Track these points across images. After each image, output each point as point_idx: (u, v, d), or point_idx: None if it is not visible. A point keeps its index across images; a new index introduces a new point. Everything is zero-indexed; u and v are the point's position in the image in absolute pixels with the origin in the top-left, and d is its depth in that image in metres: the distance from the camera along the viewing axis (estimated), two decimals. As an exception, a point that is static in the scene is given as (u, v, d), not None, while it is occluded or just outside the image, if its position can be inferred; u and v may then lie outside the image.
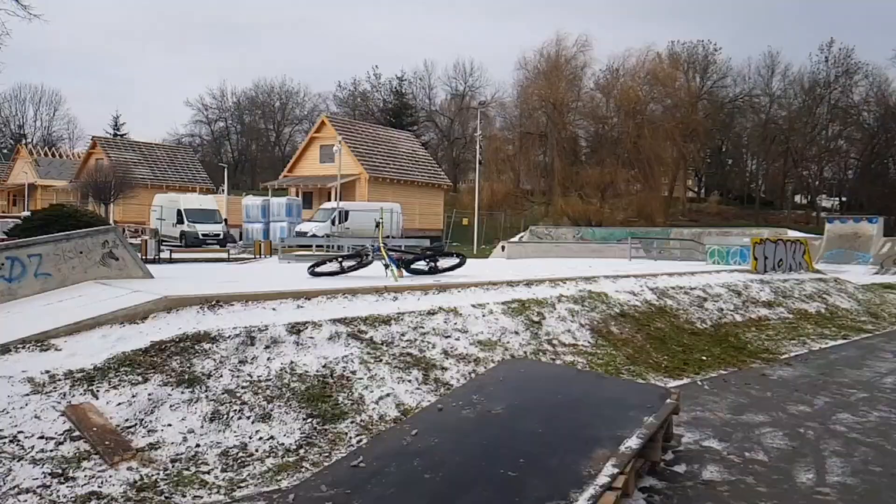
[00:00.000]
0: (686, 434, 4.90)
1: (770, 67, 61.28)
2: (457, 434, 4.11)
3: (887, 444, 4.82)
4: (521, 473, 3.53)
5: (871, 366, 7.74)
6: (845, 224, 29.57)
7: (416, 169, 39.62)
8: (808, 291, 12.40)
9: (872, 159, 56.13)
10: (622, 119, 44.42)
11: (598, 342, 7.24)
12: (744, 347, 8.37)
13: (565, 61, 44.59)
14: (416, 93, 64.62)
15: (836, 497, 3.84)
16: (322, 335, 5.62)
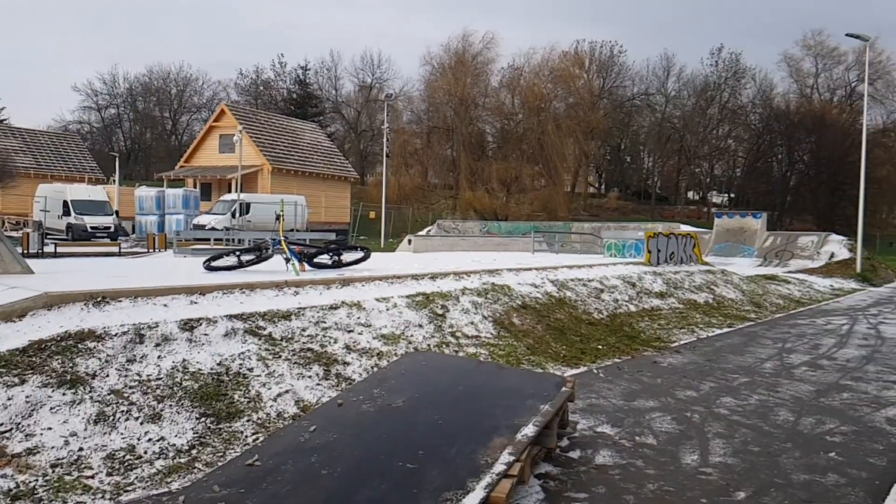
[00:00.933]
0: (581, 421, 5.06)
1: (666, 69, 64.56)
2: (356, 429, 4.06)
3: (765, 425, 5.16)
4: (420, 465, 3.53)
5: (752, 352, 8.26)
6: (732, 219, 31.45)
7: (321, 161, 38.89)
8: (698, 283, 13.13)
9: (758, 158, 60.13)
10: (527, 116, 45.41)
11: (500, 333, 7.36)
12: (637, 336, 8.75)
13: (471, 57, 45.05)
14: (322, 83, 63.50)
15: (718, 476, 4.06)
16: (217, 332, 5.41)
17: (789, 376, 6.89)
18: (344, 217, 38.33)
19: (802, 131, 56.41)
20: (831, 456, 4.47)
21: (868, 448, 4.67)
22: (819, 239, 27.41)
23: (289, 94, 60.18)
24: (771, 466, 4.24)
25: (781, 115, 58.90)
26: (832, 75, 64.71)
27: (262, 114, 41.06)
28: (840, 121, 57.38)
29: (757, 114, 62.99)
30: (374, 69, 62.86)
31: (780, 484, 3.96)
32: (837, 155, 51.82)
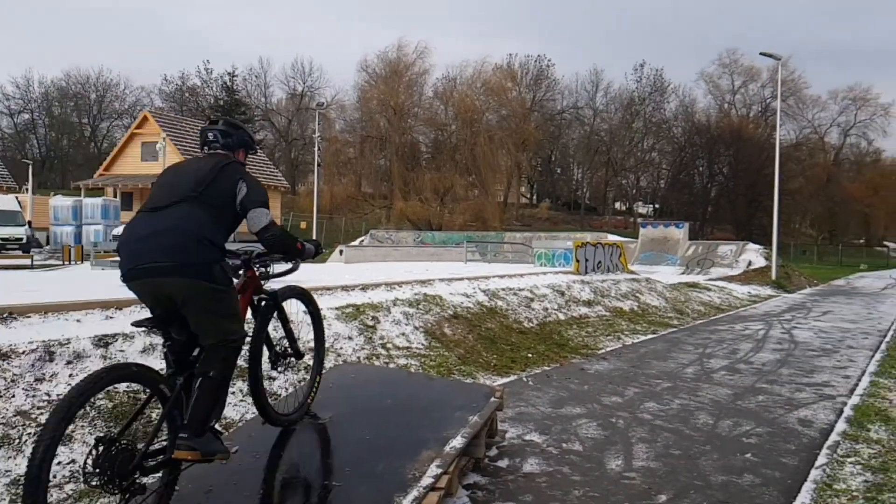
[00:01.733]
0: (510, 429, 5.09)
1: (595, 84, 66.58)
2: (280, 447, 3.95)
3: (686, 428, 5.32)
4: (347, 482, 3.46)
5: (675, 358, 8.52)
6: (656, 229, 32.58)
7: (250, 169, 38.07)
8: (624, 291, 13.49)
9: (681, 170, 62.59)
10: (460, 127, 45.84)
11: (431, 344, 7.34)
12: (566, 344, 8.90)
13: (405, 67, 45.19)
14: (250, 90, 62.32)
15: (641, 480, 4.15)
16: (134, 348, 5.17)
17: (709, 380, 7.15)
18: (274, 227, 37.64)
19: (722, 145, 59.16)
20: (747, 457, 4.65)
21: (781, 448, 4.88)
22: (737, 248, 28.71)
23: (216, 102, 58.71)
24: (691, 469, 4.37)
25: (702, 129, 61.63)
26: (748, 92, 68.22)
27: (188, 121, 39.90)
28: (756, 135, 60.46)
29: (679, 128, 65.75)
30: (306, 77, 62.23)
31: (700, 486, 4.08)
32: (754, 167, 54.56)
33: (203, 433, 3.12)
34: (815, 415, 5.86)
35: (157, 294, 3.19)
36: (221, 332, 3.22)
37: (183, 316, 3.18)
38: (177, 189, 3.23)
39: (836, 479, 4.25)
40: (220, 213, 3.24)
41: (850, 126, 69.81)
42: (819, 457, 4.67)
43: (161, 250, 3.03)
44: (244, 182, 3.34)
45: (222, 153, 3.53)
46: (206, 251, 3.11)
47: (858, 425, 5.46)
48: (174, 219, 3.10)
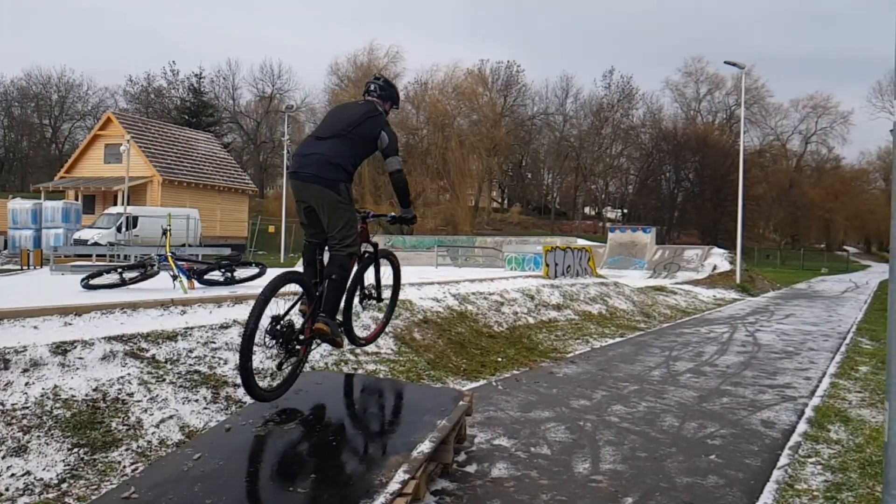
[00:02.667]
0: (479, 434, 5.08)
1: (565, 90, 67.24)
2: (244, 454, 3.88)
3: (652, 431, 5.36)
4: (312, 489, 3.41)
5: (642, 361, 8.61)
6: (624, 233, 32.93)
7: (217, 172, 37.42)
8: (592, 294, 13.60)
9: (648, 176, 63.51)
10: (432, 131, 45.92)
11: (400, 349, 7.30)
12: (535, 348, 8.93)
13: (377, 71, 45.07)
14: (218, 92, 61.43)
15: (608, 483, 4.17)
16: (94, 355, 5.04)
17: (675, 383, 7.23)
18: (241, 231, 37.08)
19: (688, 151, 60.15)
20: (712, 458, 4.70)
21: (745, 449, 4.95)
22: (703, 252, 29.17)
23: (182, 103, 57.72)
24: (657, 471, 4.41)
25: (669, 135, 62.64)
26: (714, 99, 69.65)
27: (153, 122, 39.16)
28: (721, 142, 61.65)
29: (647, 134, 66.74)
30: (275, 79, 61.60)
31: (665, 488, 4.12)
32: (719, 173, 55.57)
33: (333, 318, 4.44)
34: (777, 416, 5.96)
35: (303, 194, 4.43)
36: (340, 235, 4.40)
37: (318, 220, 4.45)
38: (334, 127, 4.49)
39: (797, 479, 4.33)
40: (357, 148, 4.45)
41: (811, 133, 71.73)
42: (781, 457, 4.75)
43: (311, 166, 4.32)
44: (385, 132, 4.53)
45: (376, 100, 4.70)
46: (337, 173, 4.33)
47: (819, 426, 5.57)
48: (325, 147, 4.38)
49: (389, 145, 4.53)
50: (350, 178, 4.47)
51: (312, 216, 4.50)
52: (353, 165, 4.45)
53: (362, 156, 4.56)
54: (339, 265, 4.43)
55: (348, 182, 4.44)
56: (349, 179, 4.45)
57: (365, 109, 4.58)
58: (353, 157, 4.44)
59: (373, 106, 4.63)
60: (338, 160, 4.34)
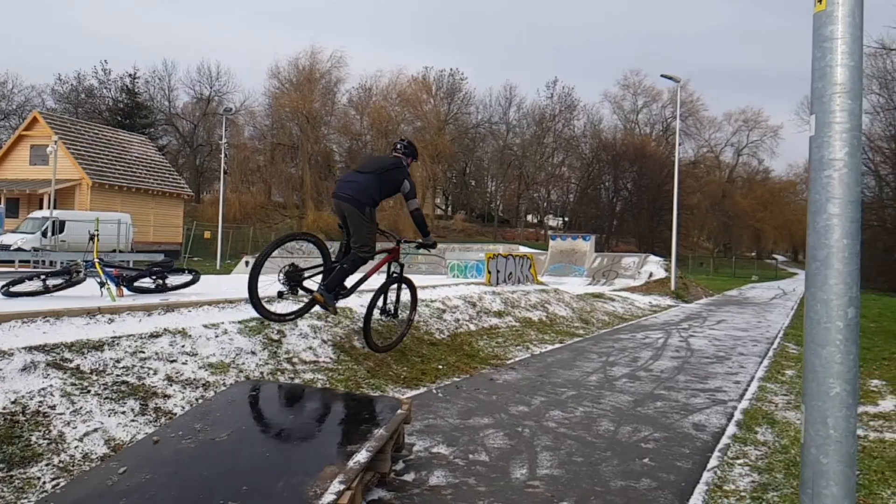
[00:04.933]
0: (418, 442, 5.04)
1: (508, 99, 68.10)
2: (173, 467, 3.73)
3: (588, 435, 5.44)
4: (244, 501, 3.30)
5: (580, 366, 8.73)
6: (565, 241, 33.52)
7: (150, 176, 36.20)
8: (533, 301, 13.76)
9: (589, 185, 64.83)
10: (375, 137, 45.78)
11: (340, 357, 7.19)
12: (476, 355, 8.96)
13: (320, 75, 44.70)
14: (153, 93, 59.58)
15: (544, 488, 4.20)
16: (13, 366, 4.77)
17: (611, 388, 7.36)
18: (176, 237, 35.97)
19: (626, 162, 61.76)
20: (645, 462, 4.80)
21: (677, 452, 5.07)
22: (640, 260, 29.95)
23: (115, 104, 55.72)
24: (592, 475, 4.46)
25: (608, 146, 64.21)
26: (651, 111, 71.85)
27: (83, 123, 37.62)
28: (658, 153, 63.58)
29: (587, 144, 68.22)
30: (213, 81, 60.14)
31: (600, 491, 4.17)
32: (656, 183, 57.21)
33: (331, 292, 6.23)
34: (708, 419, 6.13)
35: (340, 209, 6.27)
36: (358, 242, 6.21)
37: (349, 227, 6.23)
38: (371, 166, 6.38)
39: (725, 480, 4.45)
40: (384, 186, 6.29)
41: (742, 146, 74.91)
42: (711, 459, 4.88)
43: (349, 190, 6.11)
44: (407, 181, 6.41)
45: (402, 156, 6.60)
46: (366, 198, 6.13)
47: (747, 428, 5.76)
48: (362, 179, 6.19)
49: (410, 191, 6.41)
50: (375, 205, 6.24)
51: (345, 225, 6.31)
52: (379, 196, 6.28)
53: (387, 193, 6.39)
54: (352, 260, 6.27)
55: (373, 207, 6.23)
56: (374, 206, 6.23)
57: (394, 161, 6.48)
58: (381, 191, 6.28)
59: (399, 160, 6.53)
60: (369, 190, 6.17)
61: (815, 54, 2.24)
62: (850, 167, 2.14)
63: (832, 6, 2.20)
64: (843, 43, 2.19)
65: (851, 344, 2.11)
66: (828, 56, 2.21)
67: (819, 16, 2.23)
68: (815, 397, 2.11)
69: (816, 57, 2.23)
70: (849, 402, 2.09)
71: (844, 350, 2.09)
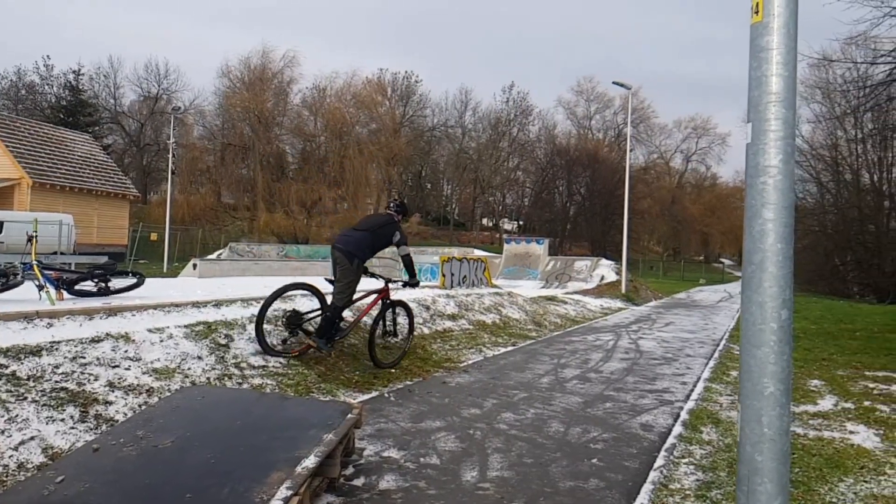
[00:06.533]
0: (368, 447, 5.01)
1: (464, 103, 68.47)
2: (113, 476, 3.62)
3: (539, 437, 5.48)
4: (186, 511, 3.22)
5: (532, 368, 8.81)
6: (519, 245, 33.83)
7: (95, 176, 35.00)
8: (487, 304, 13.82)
9: (543, 189, 65.61)
10: (329, 138, 45.33)
11: (290, 362, 7.09)
12: (429, 358, 8.95)
13: (272, 74, 44.04)
14: (98, 91, 57.79)
15: (494, 490, 4.22)
16: (-59, 373, 4.56)
17: (562, 390, 7.45)
18: (121, 239, 34.91)
19: (580, 167, 62.74)
20: (594, 462, 4.86)
21: (625, 452, 5.15)
22: (592, 263, 30.43)
23: (57, 101, 53.85)
24: (542, 476, 4.50)
25: (563, 151, 65.14)
26: (604, 117, 73.16)
27: (23, 121, 36.18)
28: (610, 158, 64.81)
29: (542, 149, 69.07)
30: (161, 79, 58.68)
31: (549, 492, 4.21)
32: (608, 188, 58.29)
33: (321, 338, 7.05)
34: (655, 419, 6.26)
35: (335, 256, 7.14)
36: (338, 290, 7.13)
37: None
38: (366, 224, 7.46)
39: (671, 479, 4.55)
40: (377, 241, 7.31)
41: (692, 153, 76.99)
42: (657, 459, 4.98)
43: (345, 244, 7.07)
44: (398, 232, 7.45)
45: (393, 213, 7.68)
46: (357, 253, 7.08)
47: (693, 428, 5.90)
48: (357, 235, 7.20)
49: (400, 240, 7.48)
50: (364, 259, 7.20)
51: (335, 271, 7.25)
52: (371, 251, 7.28)
53: (380, 246, 7.42)
54: (332, 309, 7.17)
55: (362, 261, 7.18)
56: (363, 259, 7.20)
57: (386, 219, 7.60)
58: (373, 246, 7.30)
59: (391, 217, 7.66)
60: (363, 246, 7.18)
61: (751, 64, 2.31)
62: (784, 174, 2.22)
63: (768, 18, 2.27)
64: (778, 53, 2.26)
65: (785, 345, 2.18)
66: (763, 66, 2.28)
67: (756, 27, 2.30)
68: (751, 396, 2.18)
69: (753, 67, 2.30)
70: (782, 401, 2.16)
71: (778, 351, 2.16)
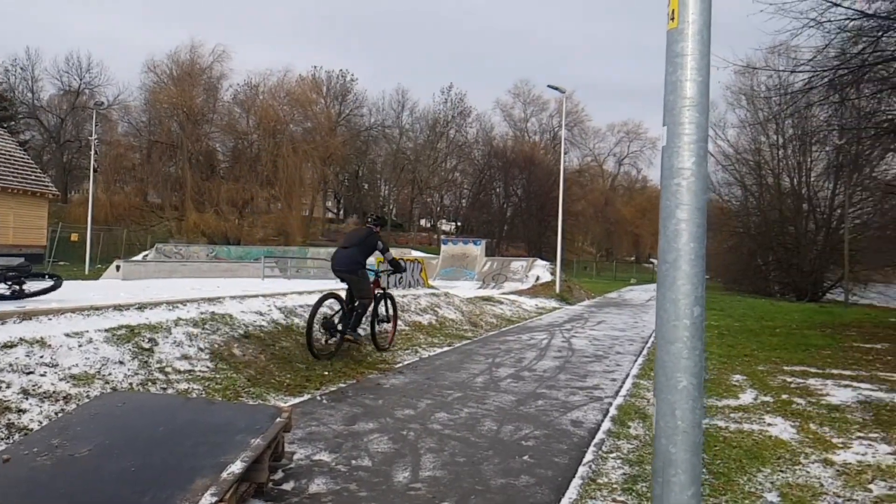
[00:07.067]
0: (299, 450, 4.93)
1: (401, 103, 68.34)
2: (26, 487, 3.45)
3: (472, 436, 5.52)
4: (105, 521, 3.10)
5: (467, 368, 8.86)
6: (457, 245, 34.03)
7: (10, 173, 33.03)
8: (423, 305, 13.84)
9: (480, 191, 66.14)
10: (263, 136, 44.38)
11: (217, 366, 6.91)
12: (364, 360, 8.88)
13: (201, 70, 42.81)
14: (14, 83, 54.86)
15: (426, 490, 4.22)
16: None
17: (496, 388, 7.53)
18: (39, 239, 33.17)
19: (516, 169, 63.58)
20: (525, 459, 4.93)
21: (555, 449, 5.25)
22: (527, 264, 30.91)
23: (-32, 94, 50.89)
24: (474, 475, 4.54)
25: (500, 153, 65.87)
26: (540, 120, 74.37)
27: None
28: (546, 161, 65.91)
29: (479, 151, 69.65)
30: (83, 73, 56.16)
31: (481, 490, 4.25)
32: (544, 190, 59.27)
33: (354, 331, 8.70)
34: (585, 416, 6.40)
35: (341, 276, 8.74)
36: (360, 295, 8.74)
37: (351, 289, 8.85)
38: (351, 240, 8.97)
39: (600, 473, 4.66)
40: (365, 251, 8.81)
41: (624, 156, 79.25)
42: (587, 454, 5.10)
43: (344, 264, 8.67)
44: (380, 241, 8.91)
45: (372, 226, 9.10)
46: (356, 265, 8.70)
47: (621, 423, 6.06)
48: (348, 252, 8.74)
49: (383, 248, 8.98)
50: (363, 266, 8.89)
51: (348, 286, 8.89)
52: (363, 259, 8.88)
53: (368, 254, 8.93)
54: (361, 306, 8.81)
55: (363, 268, 8.88)
56: (363, 267, 8.89)
57: (367, 232, 9.04)
58: (363, 255, 8.86)
59: (371, 230, 9.08)
60: (356, 258, 8.77)
61: (667, 69, 2.39)
62: (697, 176, 2.31)
63: (683, 25, 2.36)
64: (692, 59, 2.35)
65: (697, 340, 2.27)
66: (678, 71, 2.36)
67: (671, 33, 2.39)
68: (665, 391, 2.26)
69: (668, 72, 2.39)
70: (695, 394, 2.25)
71: (691, 346, 2.25)
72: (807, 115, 22.48)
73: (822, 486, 4.50)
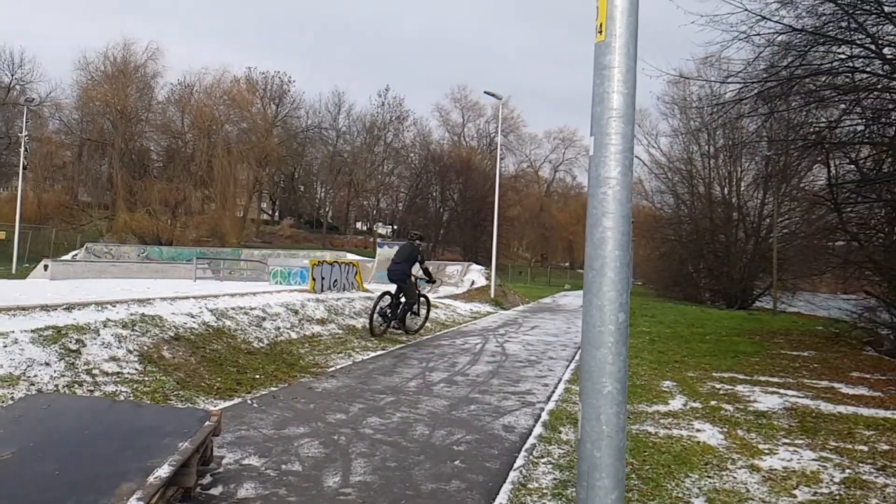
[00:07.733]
0: (228, 455, 4.85)
1: (337, 105, 67.78)
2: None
3: (403, 440, 5.55)
4: (24, 529, 2.99)
5: (400, 373, 8.87)
6: (392, 249, 33.77)
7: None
8: (357, 308, 13.77)
9: (417, 195, 66.17)
10: (197, 136, 43.20)
11: (146, 369, 6.72)
12: (296, 363, 8.79)
13: (134, 68, 41.41)
14: (-61, 78, 51.60)
15: (356, 495, 4.23)
16: None
17: (429, 393, 7.58)
18: (-35, 238, 31.43)
19: (453, 173, 63.94)
20: (456, 464, 4.99)
21: (487, 454, 5.32)
22: (463, 268, 31.13)
23: None
24: (405, 479, 4.57)
25: (437, 157, 66.13)
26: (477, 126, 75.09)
27: None
28: (483, 166, 66.57)
29: (417, 155, 69.76)
30: (15, 68, 53.26)
31: (411, 495, 4.29)
32: (480, 195, 59.82)
33: (402, 323, 12.58)
34: (517, 421, 6.51)
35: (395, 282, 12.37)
36: (408, 298, 12.43)
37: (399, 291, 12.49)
38: (401, 256, 12.42)
39: (530, 478, 4.74)
40: (410, 263, 12.33)
41: (559, 163, 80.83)
42: (518, 459, 5.18)
43: (397, 274, 12.32)
44: (421, 255, 12.51)
45: (415, 242, 12.57)
46: (405, 276, 12.30)
47: (552, 428, 6.17)
48: (401, 267, 12.28)
49: (423, 260, 12.32)
50: (410, 276, 12.20)
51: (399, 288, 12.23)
52: (410, 270, 12.20)
53: (412, 265, 12.11)
54: (409, 305, 12.30)
55: (410, 277, 12.22)
56: (409, 276, 12.21)
57: (413, 248, 12.28)
58: (410, 266, 12.13)
59: (415, 245, 12.34)
60: (406, 271, 12.13)
61: (595, 81, 2.49)
62: (622, 185, 2.41)
63: (610, 38, 2.46)
64: (619, 72, 2.45)
65: (622, 346, 2.38)
66: (605, 83, 2.47)
67: (599, 46, 2.49)
68: (590, 395, 2.35)
69: (596, 83, 2.49)
70: (619, 399, 2.35)
71: (616, 352, 2.35)
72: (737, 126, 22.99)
73: (749, 491, 4.62)
